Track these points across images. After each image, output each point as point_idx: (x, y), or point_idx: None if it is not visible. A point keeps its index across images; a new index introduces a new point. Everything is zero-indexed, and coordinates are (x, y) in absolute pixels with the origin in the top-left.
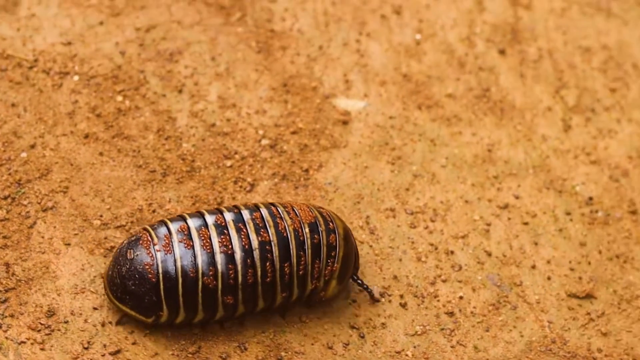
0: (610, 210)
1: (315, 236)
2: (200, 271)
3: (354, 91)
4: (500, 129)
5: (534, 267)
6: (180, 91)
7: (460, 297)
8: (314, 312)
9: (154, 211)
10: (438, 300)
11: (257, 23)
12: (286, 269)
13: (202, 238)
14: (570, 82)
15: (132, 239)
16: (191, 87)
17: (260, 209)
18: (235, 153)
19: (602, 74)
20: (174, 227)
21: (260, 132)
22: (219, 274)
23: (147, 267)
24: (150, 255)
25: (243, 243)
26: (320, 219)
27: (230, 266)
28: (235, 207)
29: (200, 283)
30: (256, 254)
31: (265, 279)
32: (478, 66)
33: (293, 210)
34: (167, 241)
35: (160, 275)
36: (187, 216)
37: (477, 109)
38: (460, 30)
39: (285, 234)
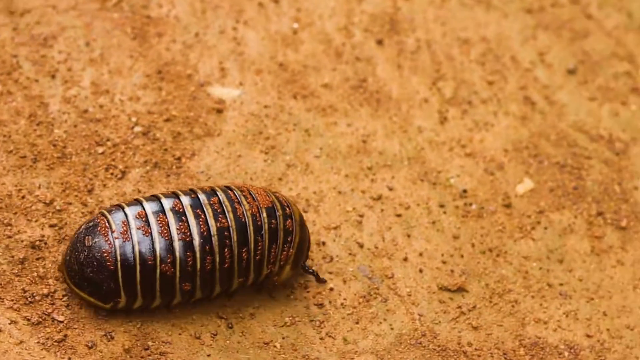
0: (484, 203)
1: (273, 221)
2: (158, 258)
3: (229, 79)
4: (375, 120)
5: (406, 259)
6: (53, 76)
7: (331, 289)
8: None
9: (23, 197)
10: (308, 292)
11: (133, 9)
12: (244, 255)
13: (160, 225)
14: (447, 74)
15: (90, 225)
16: (64, 73)
17: (218, 193)
18: (107, 140)
19: (480, 66)
20: (131, 212)
21: (133, 119)
22: (177, 261)
23: (105, 254)
24: (109, 242)
25: (202, 229)
26: (278, 204)
27: (188, 253)
28: (192, 190)
29: (158, 270)
30: (215, 240)
31: (223, 265)
32: (355, 56)
33: (250, 194)
34: (124, 228)
35: (119, 263)
36: (143, 200)
37: (353, 100)
38: (338, 19)
39: (243, 219)
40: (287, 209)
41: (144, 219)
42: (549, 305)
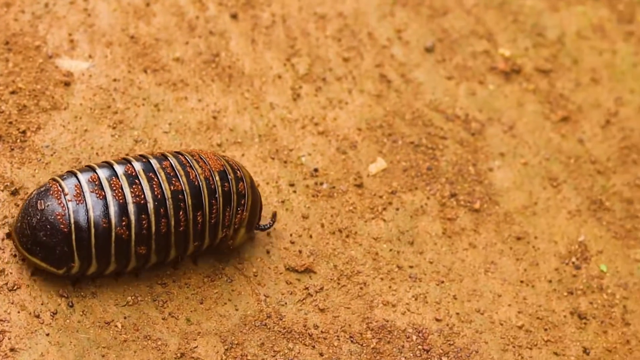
0: (336, 182)
1: (226, 184)
2: (113, 221)
3: (78, 52)
4: (227, 96)
5: (252, 239)
6: None
7: (175, 268)
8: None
9: None
10: (152, 270)
11: None
12: (199, 218)
13: (114, 188)
14: (302, 49)
15: (42, 189)
16: None
17: (169, 158)
18: None
19: (336, 42)
20: (83, 177)
21: None
22: (132, 224)
23: (58, 217)
24: (62, 205)
25: (155, 193)
26: (229, 167)
27: (143, 216)
28: (143, 156)
29: (113, 234)
30: (169, 203)
31: (178, 228)
32: (209, 30)
33: (201, 158)
34: (78, 191)
35: (72, 226)
36: (95, 166)
37: (204, 75)
38: None
39: (197, 183)
40: (238, 172)
41: (97, 183)
42: (398, 287)
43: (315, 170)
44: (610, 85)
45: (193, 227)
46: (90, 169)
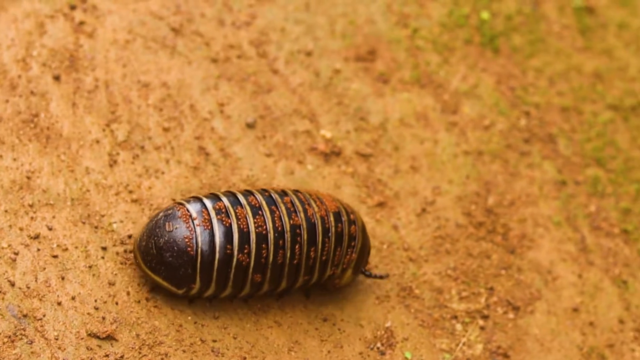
0: None
1: (339, 225)
2: (236, 248)
3: None
4: (43, 157)
5: (58, 302)
6: None
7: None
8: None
9: None
10: None
11: None
12: (312, 253)
13: (239, 217)
14: (123, 116)
15: (169, 212)
16: None
17: (289, 194)
18: None
19: (158, 111)
20: (210, 204)
21: None
22: (253, 253)
23: (186, 240)
24: (190, 229)
25: (276, 225)
26: (343, 210)
27: (263, 245)
28: (265, 190)
29: (234, 260)
30: (287, 236)
31: (292, 260)
32: (30, 90)
33: (318, 198)
34: (205, 217)
35: (199, 249)
36: (220, 194)
37: (22, 134)
38: (17, 51)
39: (313, 220)
40: (352, 215)
41: (223, 210)
42: None
43: (129, 237)
44: (429, 174)
45: (305, 262)
46: (215, 196)
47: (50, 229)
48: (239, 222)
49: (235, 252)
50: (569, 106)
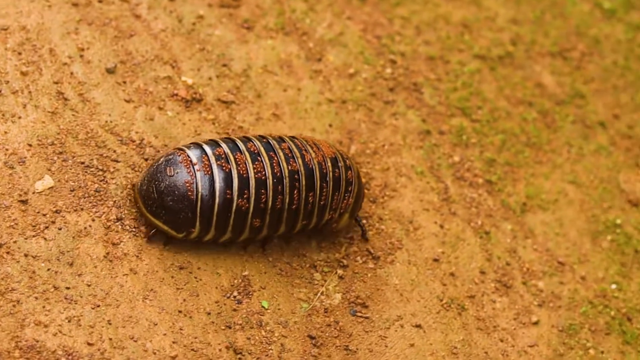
0: (0, 197)
1: (336, 170)
2: (236, 193)
3: None
4: None
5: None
6: None
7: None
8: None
9: None
10: None
11: None
12: (310, 198)
13: (239, 163)
14: None
15: (170, 157)
16: None
17: (286, 140)
18: None
19: (16, 55)
20: (210, 150)
21: None
22: (252, 198)
23: (187, 184)
24: (191, 174)
25: (275, 170)
26: (339, 156)
27: (262, 191)
28: (262, 136)
29: (234, 204)
30: (286, 181)
31: (291, 205)
32: None
33: (315, 144)
34: (206, 162)
35: (199, 194)
36: (220, 140)
37: None
38: None
39: (311, 166)
40: (347, 161)
41: (223, 156)
42: (53, 308)
43: None
44: (292, 122)
45: (304, 207)
46: (215, 142)
47: None
48: (239, 168)
49: (235, 197)
50: (435, 55)
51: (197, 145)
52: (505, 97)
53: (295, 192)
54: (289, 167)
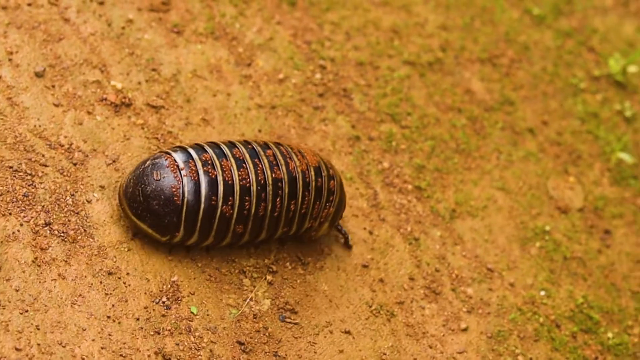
0: None
1: (319, 179)
2: (221, 199)
3: None
4: None
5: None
6: None
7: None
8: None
9: None
10: None
11: None
12: (292, 206)
13: (224, 169)
14: None
15: (157, 161)
16: None
17: (271, 147)
18: None
19: None
20: (196, 155)
21: None
22: (236, 204)
23: (173, 189)
24: (178, 179)
25: (259, 178)
26: (323, 165)
27: (246, 197)
28: (248, 142)
29: (219, 211)
30: (269, 189)
31: (273, 213)
32: None
33: (300, 152)
34: (192, 168)
35: (185, 199)
36: (205, 145)
37: None
38: None
39: (294, 174)
40: (331, 170)
41: (209, 162)
42: None
43: None
44: (221, 127)
45: (285, 214)
46: (201, 147)
47: None
48: (224, 174)
49: (220, 204)
50: (365, 61)
51: (183, 150)
52: (434, 103)
53: (278, 199)
54: (273, 175)
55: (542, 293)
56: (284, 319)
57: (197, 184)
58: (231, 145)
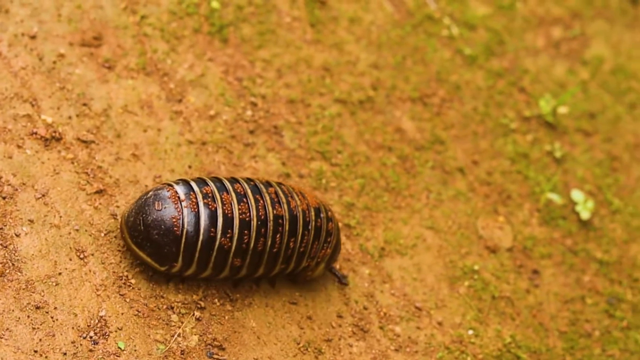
0: None
1: (319, 220)
2: (219, 232)
3: None
4: None
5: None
6: None
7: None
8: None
9: None
10: None
11: None
12: (291, 244)
13: (225, 202)
14: None
15: (159, 192)
16: None
17: (273, 185)
18: None
19: None
20: (197, 188)
21: None
22: (235, 237)
23: (174, 220)
24: (178, 209)
25: (260, 213)
26: (323, 207)
27: (245, 232)
28: (250, 179)
29: (217, 243)
30: (270, 225)
31: (272, 249)
32: None
33: (301, 193)
34: (193, 200)
35: (185, 230)
36: (207, 179)
37: None
38: None
39: (295, 212)
40: (329, 212)
41: (210, 195)
42: None
43: None
44: (151, 163)
45: (284, 251)
46: (203, 181)
47: None
48: (224, 208)
49: (219, 236)
50: (296, 99)
51: (185, 182)
52: (365, 141)
53: (278, 236)
54: (274, 211)
55: (470, 332)
56: (211, 355)
57: (196, 215)
58: (233, 180)
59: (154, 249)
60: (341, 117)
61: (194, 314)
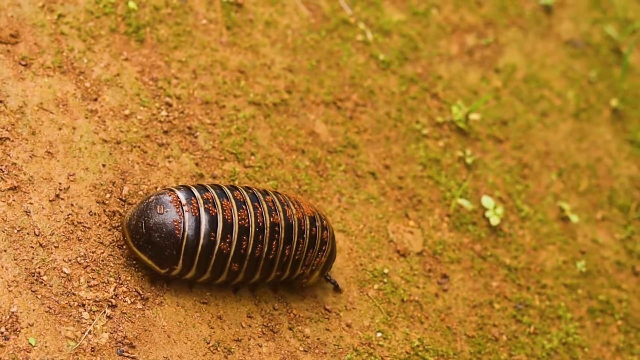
0: None
1: (314, 229)
2: (219, 236)
3: None
4: None
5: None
6: None
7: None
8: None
9: None
10: None
11: None
12: (287, 251)
13: (225, 208)
14: None
15: (161, 196)
16: None
17: (270, 194)
18: None
19: None
20: (198, 193)
21: None
22: (234, 242)
23: (175, 223)
24: (179, 214)
25: (258, 220)
26: (318, 216)
27: (244, 237)
28: (249, 187)
29: (217, 247)
30: (267, 232)
31: (268, 255)
32: None
33: (297, 202)
34: (194, 205)
35: (186, 233)
36: (208, 186)
37: None
38: None
39: (291, 221)
40: (325, 221)
41: (210, 200)
42: None
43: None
44: (65, 161)
45: (280, 258)
46: (203, 187)
47: None
48: (224, 213)
49: (218, 240)
50: (210, 100)
51: (187, 188)
52: (278, 144)
53: (274, 243)
54: (271, 219)
55: (379, 335)
56: (121, 353)
57: (197, 220)
58: (233, 188)
59: (155, 252)
60: (255, 119)
61: (105, 312)
